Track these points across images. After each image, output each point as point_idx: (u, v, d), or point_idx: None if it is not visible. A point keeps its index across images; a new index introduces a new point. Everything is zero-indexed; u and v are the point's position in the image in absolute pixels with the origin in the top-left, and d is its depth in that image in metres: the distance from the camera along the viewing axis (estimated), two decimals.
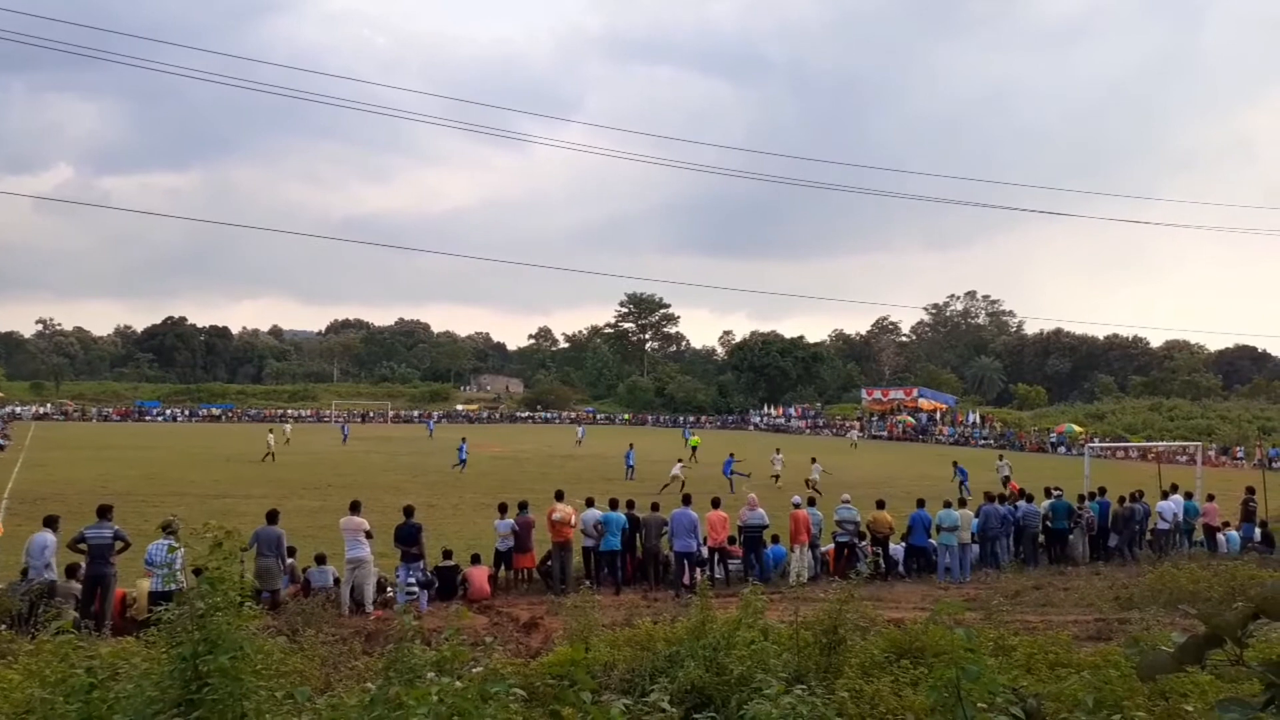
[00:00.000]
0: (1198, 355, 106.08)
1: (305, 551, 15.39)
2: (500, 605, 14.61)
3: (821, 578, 16.81)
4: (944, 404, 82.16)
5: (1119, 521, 20.04)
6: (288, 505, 24.85)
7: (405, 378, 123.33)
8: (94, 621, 11.79)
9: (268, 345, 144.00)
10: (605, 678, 7.66)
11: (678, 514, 16.26)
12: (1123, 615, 13.29)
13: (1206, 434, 60.82)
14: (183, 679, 4.60)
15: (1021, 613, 13.28)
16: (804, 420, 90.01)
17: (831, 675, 7.01)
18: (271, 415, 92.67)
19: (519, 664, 7.43)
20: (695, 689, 6.88)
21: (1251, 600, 1.77)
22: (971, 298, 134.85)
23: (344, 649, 10.04)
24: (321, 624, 11.70)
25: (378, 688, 3.87)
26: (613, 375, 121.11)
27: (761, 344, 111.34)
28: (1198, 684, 5.48)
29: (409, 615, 5.04)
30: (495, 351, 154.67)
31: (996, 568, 18.30)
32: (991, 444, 68.11)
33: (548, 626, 12.51)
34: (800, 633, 7.83)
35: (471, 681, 3.50)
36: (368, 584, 14.12)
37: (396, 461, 42.61)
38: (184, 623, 4.86)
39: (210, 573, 4.99)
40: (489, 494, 24.30)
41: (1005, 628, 8.95)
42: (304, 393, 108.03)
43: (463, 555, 15.92)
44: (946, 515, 17.71)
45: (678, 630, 8.63)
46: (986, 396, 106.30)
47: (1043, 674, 6.87)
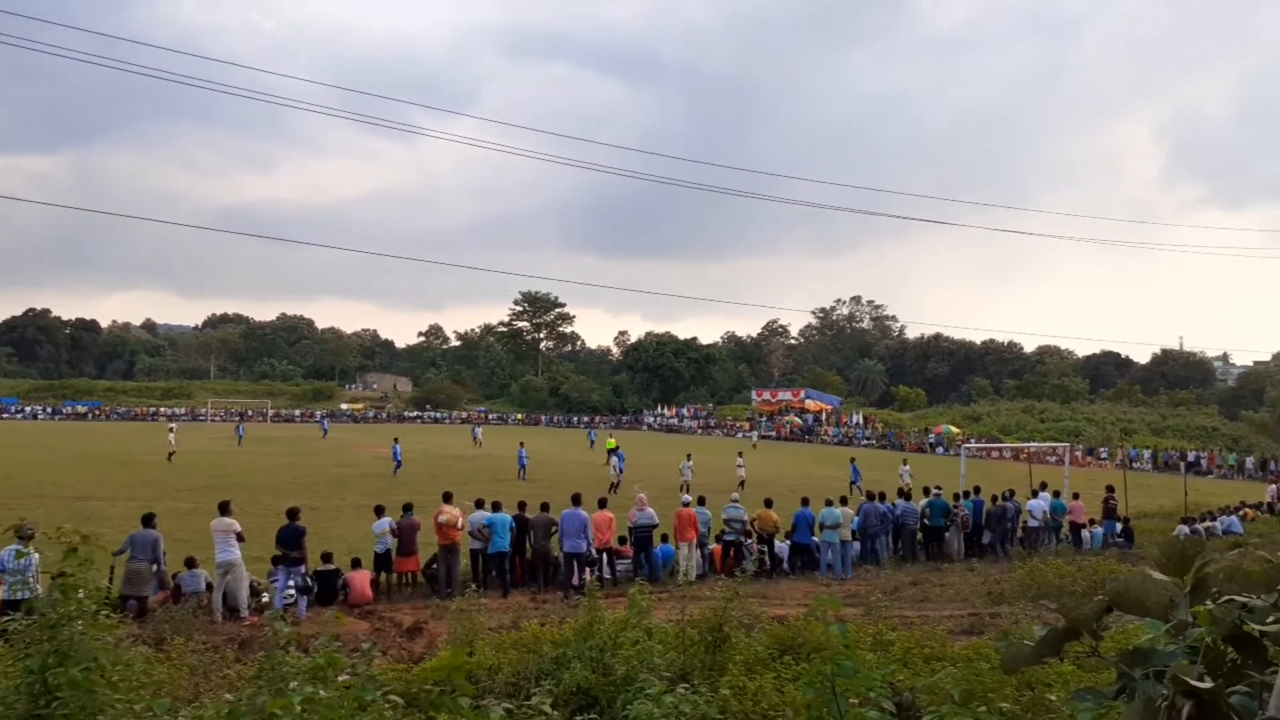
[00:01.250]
0: (1067, 360, 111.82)
1: (177, 556, 14.68)
2: (383, 610, 14.27)
3: (709, 576, 16.99)
4: (829, 405, 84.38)
5: (992, 519, 20.92)
6: (159, 508, 23.58)
7: (287, 375, 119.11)
8: None
9: (140, 340, 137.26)
10: (490, 682, 7.54)
11: (567, 514, 16.18)
12: (994, 609, 13.83)
13: (1074, 435, 64.14)
14: (30, 693, 4.31)
15: (900, 608, 13.70)
16: (696, 420, 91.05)
17: (716, 673, 7.07)
18: (144, 415, 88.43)
19: (401, 670, 7.24)
20: (581, 690, 6.83)
21: (1106, 594, 1.82)
22: (857, 302, 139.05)
23: (215, 657, 9.62)
24: (192, 631, 11.19)
25: (243, 697, 3.69)
26: (506, 374, 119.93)
27: (656, 345, 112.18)
28: (1061, 674, 5.74)
29: (281, 621, 4.83)
30: (383, 349, 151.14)
31: (877, 564, 18.85)
32: (873, 444, 70.27)
33: (432, 631, 12.27)
34: (686, 631, 7.87)
35: (338, 689, 3.36)
36: (240, 588, 13.55)
37: (276, 462, 41.17)
38: (34, 633, 4.55)
39: (64, 579, 4.69)
40: (373, 496, 23.64)
41: (884, 622, 9.21)
42: (178, 390, 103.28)
43: (344, 559, 15.47)
44: (829, 513, 18.15)
45: (565, 632, 8.57)
46: (870, 398, 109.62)
47: (919, 667, 7.08)
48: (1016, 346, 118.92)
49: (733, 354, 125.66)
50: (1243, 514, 26.30)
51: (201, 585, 13.83)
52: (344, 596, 14.56)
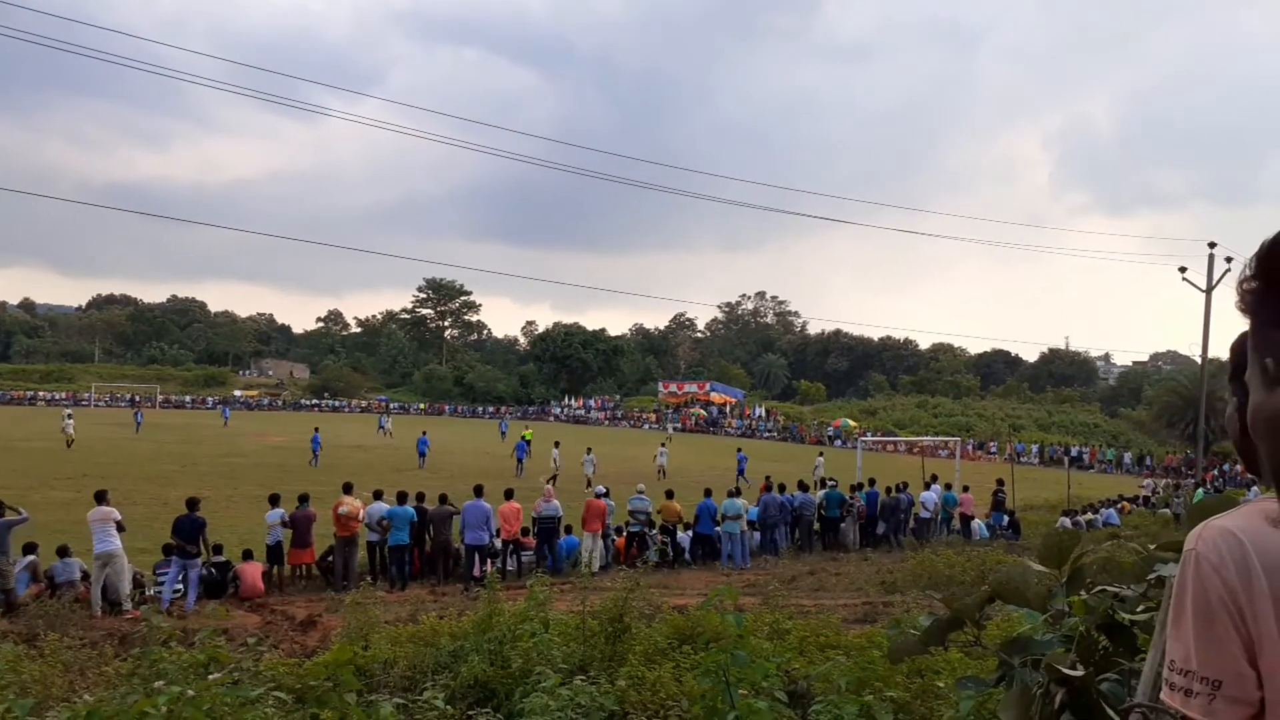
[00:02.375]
0: (960, 358, 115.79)
1: (49, 546, 13.94)
2: (275, 603, 13.85)
3: (612, 567, 17.02)
4: (734, 398, 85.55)
5: (886, 510, 21.52)
6: (35, 497, 22.49)
7: (178, 360, 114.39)
8: None
9: (17, 320, 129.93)
10: (385, 676, 7.38)
11: (469, 506, 15.99)
12: (887, 599, 14.21)
13: (965, 430, 66.43)
14: None
15: (797, 597, 13.95)
16: (603, 412, 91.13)
17: (616, 664, 7.06)
18: (21, 398, 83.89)
19: (293, 664, 7.03)
20: (478, 684, 6.74)
21: (988, 585, 1.87)
22: (761, 298, 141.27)
23: (93, 653, 9.16)
24: (68, 626, 10.65)
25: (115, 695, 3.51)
26: (408, 363, 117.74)
27: (564, 335, 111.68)
28: (949, 662, 5.92)
29: (160, 615, 4.62)
30: (279, 334, 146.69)
31: (776, 554, 19.19)
32: (775, 436, 71.50)
33: (326, 624, 11.96)
34: (587, 622, 7.85)
35: (209, 687, 3.22)
36: (122, 580, 12.95)
37: (164, 450, 39.56)
38: None
39: None
40: (267, 486, 22.94)
41: (781, 611, 9.36)
42: (59, 373, 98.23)
43: (235, 550, 14.95)
44: (730, 504, 18.38)
45: (464, 624, 8.45)
46: (772, 391, 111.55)
47: (814, 656, 7.20)
48: (912, 344, 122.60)
49: (640, 346, 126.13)
50: (1120, 507, 27.67)
51: (76, 575, 13.16)
52: (234, 589, 14.08)
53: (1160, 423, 64.78)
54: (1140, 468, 55.57)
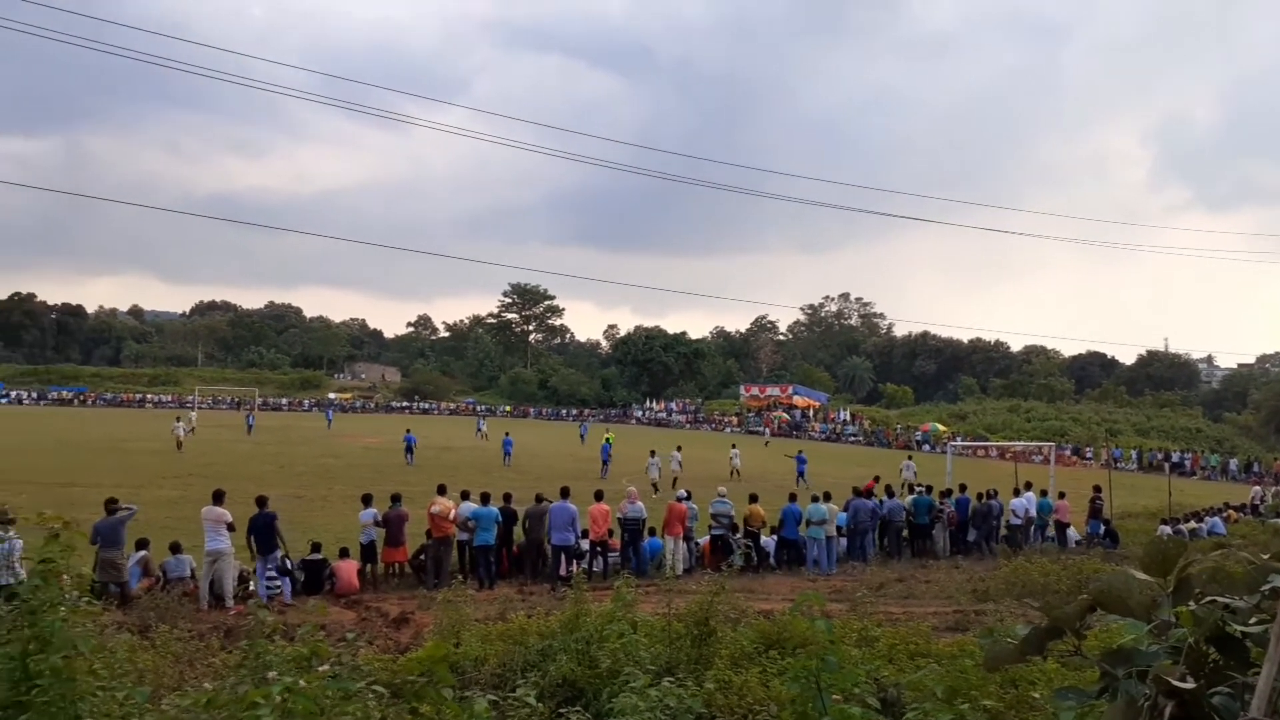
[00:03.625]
0: (1053, 360, 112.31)
1: (162, 543, 14.62)
2: (370, 600, 14.24)
3: (696, 570, 17.01)
4: (817, 401, 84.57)
5: (977, 517, 21.01)
6: (145, 495, 23.58)
7: (275, 363, 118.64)
8: None
9: (126, 326, 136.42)
10: (476, 673, 7.54)
11: (556, 507, 16.17)
12: (979, 607, 13.90)
13: (1059, 435, 64.43)
14: (11, 679, 4.27)
15: (885, 604, 13.75)
16: (684, 415, 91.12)
17: (702, 666, 7.09)
18: (130, 401, 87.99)
19: (387, 660, 7.24)
20: (567, 682, 6.84)
21: (1089, 594, 1.83)
22: (845, 299, 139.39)
23: (201, 645, 9.58)
24: (177, 619, 11.12)
25: (225, 686, 3.67)
26: (494, 366, 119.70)
27: (645, 339, 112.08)
28: (1045, 672, 5.77)
29: (265, 610, 4.82)
30: (371, 339, 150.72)
31: (863, 560, 18.92)
32: (860, 440, 70.44)
33: (418, 621, 12.25)
34: (673, 625, 7.89)
35: (315, 679, 3.35)
36: (227, 577, 13.49)
37: (264, 451, 41.02)
38: (14, 619, 4.51)
39: (45, 565, 4.65)
40: (360, 486, 23.60)
41: (869, 619, 9.25)
42: (165, 377, 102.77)
43: (331, 549, 15.43)
44: (815, 509, 18.19)
45: (551, 624, 8.59)
46: (857, 395, 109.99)
47: (903, 664, 7.11)
48: (1003, 346, 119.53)
49: (721, 349, 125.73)
50: (1226, 515, 26.47)
51: (186, 570, 13.77)
52: (331, 586, 14.53)
53: (1269, 427, 61.81)
54: (1247, 474, 53.04)
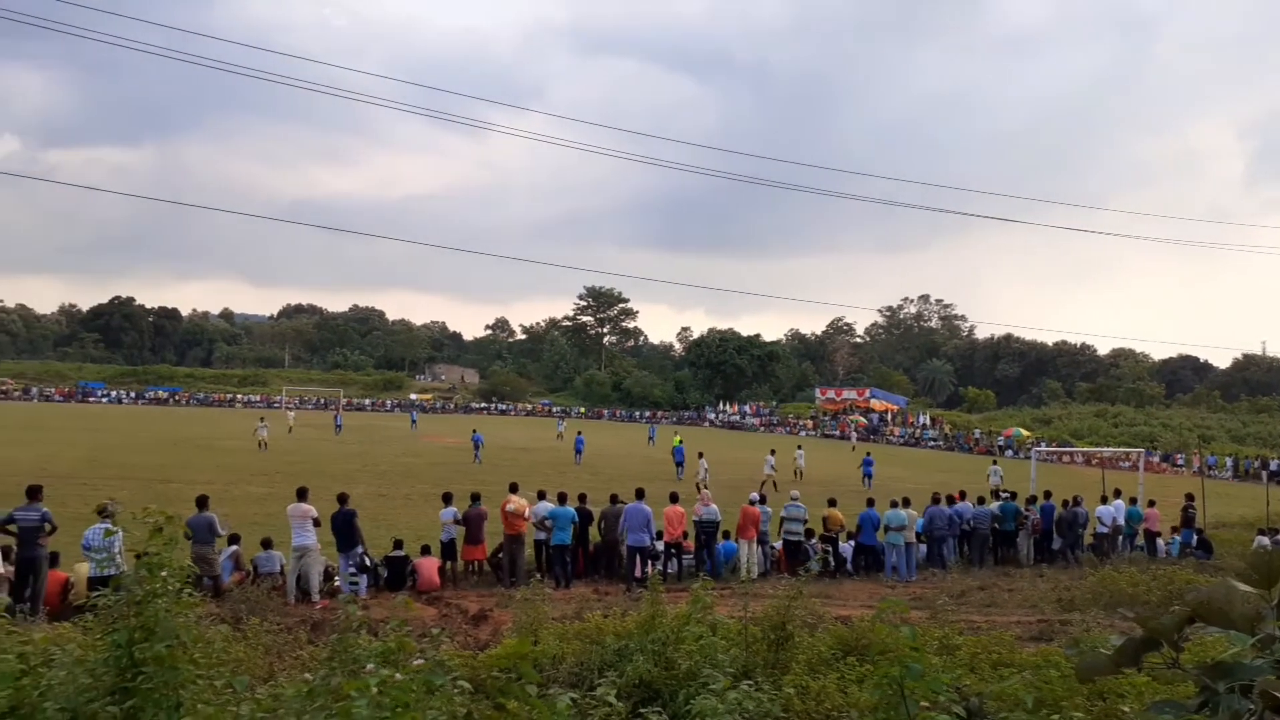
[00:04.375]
0: (1142, 364, 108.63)
1: (252, 538, 15.15)
2: (450, 597, 14.52)
3: (772, 574, 16.91)
4: (895, 405, 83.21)
5: (1062, 524, 20.44)
6: (235, 492, 24.47)
7: (359, 365, 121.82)
8: (29, 605, 11.51)
9: (218, 328, 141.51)
10: (554, 671, 7.64)
11: (631, 508, 16.26)
12: (1064, 617, 13.54)
13: (1149, 441, 62.27)
14: (118, 666, 4.48)
15: (966, 612, 13.49)
16: (759, 418, 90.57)
17: (779, 671, 7.05)
18: (222, 400, 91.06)
19: (467, 656, 7.38)
20: (643, 683, 6.88)
21: (1188, 604, 1.79)
22: (925, 301, 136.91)
23: (289, 638, 9.89)
24: (267, 612, 11.51)
25: (318, 678, 3.80)
26: (569, 368, 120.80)
27: (719, 341, 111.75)
28: (1135, 685, 5.60)
29: (354, 605, 4.96)
30: (451, 341, 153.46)
31: (943, 567, 18.57)
32: (941, 445, 69.08)
33: (497, 619, 12.45)
34: (749, 628, 7.87)
35: (411, 673, 3.45)
36: (314, 572, 13.92)
37: (348, 450, 42.11)
38: (120, 609, 4.73)
39: (149, 558, 4.87)
40: (441, 485, 24.09)
41: (950, 627, 9.09)
42: (254, 378, 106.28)
43: (413, 546, 15.78)
44: (894, 515, 17.92)
45: (627, 624, 8.63)
46: (937, 399, 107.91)
47: (986, 673, 6.97)
48: (1089, 349, 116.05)
49: (797, 351, 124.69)
50: None
51: (276, 566, 14.24)
52: (412, 583, 14.85)
53: None
54: None
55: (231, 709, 4.20)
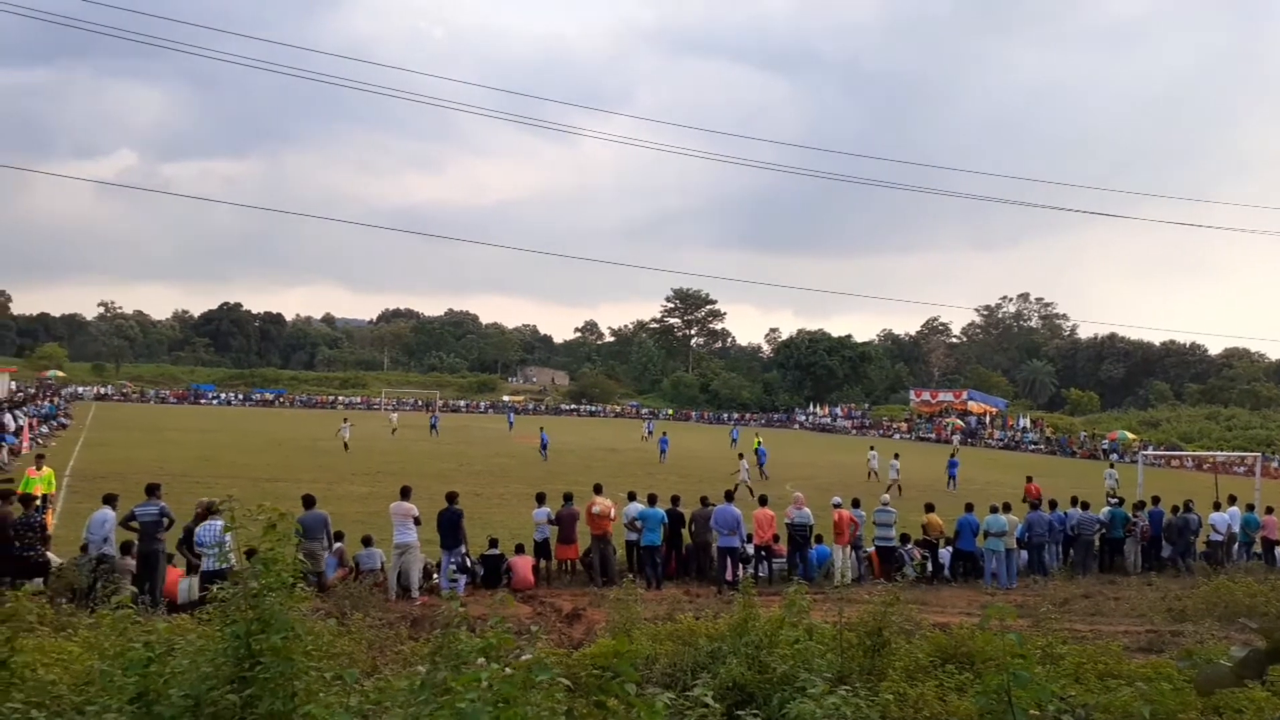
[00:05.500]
0: (1258, 364, 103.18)
1: (354, 536, 15.65)
2: (544, 595, 14.74)
3: (866, 579, 16.69)
4: (994, 407, 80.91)
5: (1172, 531, 19.60)
6: (338, 490, 25.27)
7: (454, 368, 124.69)
8: (149, 597, 12.12)
9: (320, 333, 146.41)
10: (647, 671, 7.69)
11: (720, 510, 16.24)
12: (1175, 627, 13.01)
13: (1265, 445, 59.13)
14: (236, 657, 4.69)
15: (1070, 621, 13.06)
16: (850, 420, 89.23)
17: (875, 677, 6.97)
18: (324, 402, 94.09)
19: (562, 654, 7.49)
20: (737, 686, 6.87)
21: None
22: (1024, 300, 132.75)
23: (390, 633, 10.19)
24: (369, 608, 11.88)
25: (426, 672, 3.93)
26: (657, 370, 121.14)
27: (808, 342, 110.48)
28: (1254, 700, 5.37)
29: (456, 601, 5.10)
30: (541, 344, 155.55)
31: (1044, 574, 18.01)
32: (1042, 449, 66.95)
33: (590, 618, 12.58)
34: (844, 634, 7.78)
35: (519, 669, 3.54)
36: (414, 569, 14.31)
37: (443, 450, 43.08)
38: (237, 602, 4.94)
39: (263, 554, 5.08)
40: (533, 485, 24.47)
41: (1053, 635, 8.82)
42: (355, 380, 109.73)
43: (507, 545, 16.07)
44: (994, 520, 17.45)
45: (720, 626, 8.63)
46: (1038, 401, 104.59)
47: (1091, 684, 6.76)
48: (1200, 348, 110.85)
49: (890, 352, 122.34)
50: None
51: (377, 563, 14.67)
52: (507, 581, 15.12)
53: None
54: None
55: (341, 699, 4.37)
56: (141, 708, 4.49)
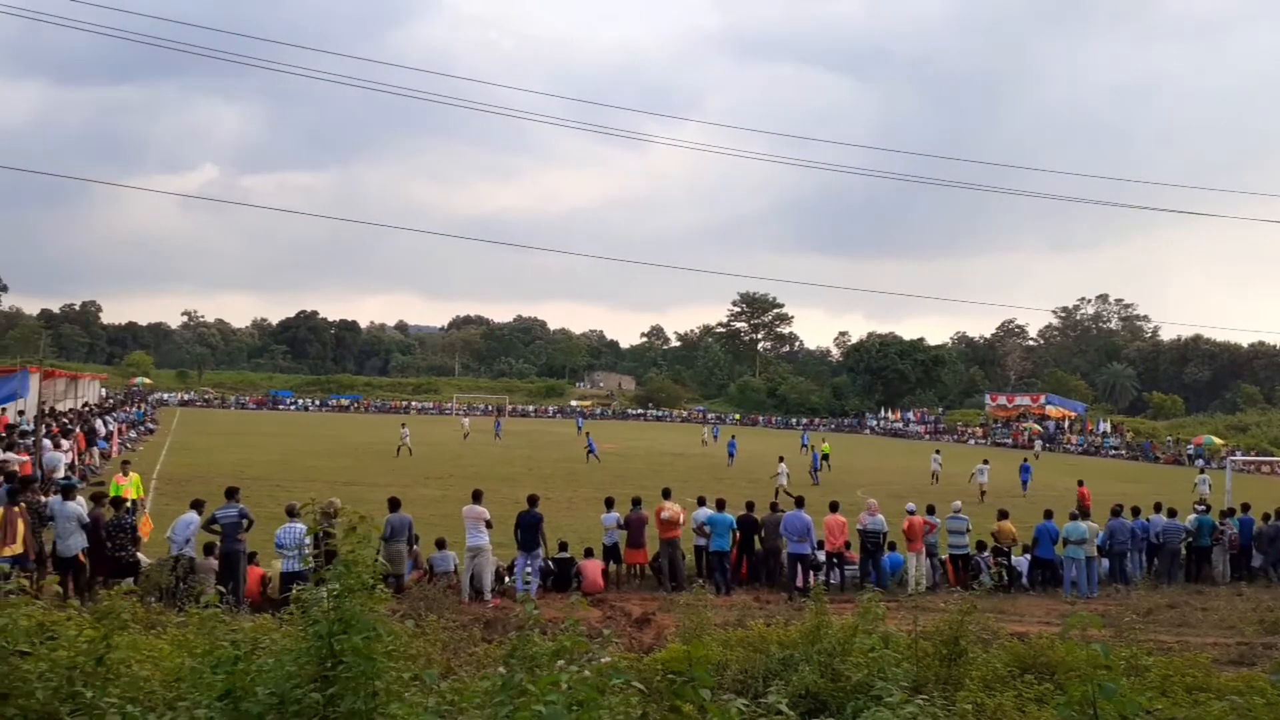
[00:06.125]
0: None
1: (428, 538, 15.91)
2: (613, 599, 14.79)
3: (941, 588, 16.39)
4: (1073, 411, 78.76)
5: (1263, 540, 18.85)
6: (410, 494, 25.66)
7: (523, 373, 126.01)
8: (231, 597, 12.50)
9: (394, 339, 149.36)
10: (718, 677, 7.67)
11: (790, 517, 16.11)
12: (1268, 639, 12.54)
13: None
14: (318, 656, 4.80)
15: (1155, 632, 12.65)
16: (923, 425, 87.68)
17: (952, 687, 6.85)
18: (398, 408, 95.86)
19: (633, 658, 7.52)
20: (810, 694, 6.82)
21: None
22: (1103, 301, 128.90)
23: (464, 635, 10.33)
24: (443, 609, 12.06)
25: (506, 674, 3.98)
26: (724, 375, 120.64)
27: (879, 345, 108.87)
28: None
29: (531, 604, 5.16)
30: (608, 349, 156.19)
31: (1126, 583, 17.48)
32: (1123, 454, 64.95)
33: (660, 623, 12.60)
34: (919, 642, 7.67)
35: (597, 671, 3.57)
36: (486, 572, 14.50)
37: (514, 454, 43.57)
38: (320, 602, 5.06)
39: (345, 555, 5.20)
40: (602, 489, 24.60)
41: (1138, 646, 8.56)
42: (427, 386, 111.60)
43: (576, 548, 16.17)
44: (1074, 528, 17.00)
45: (792, 634, 8.57)
46: (1118, 405, 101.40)
47: (1179, 698, 6.54)
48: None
49: (963, 355, 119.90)
50: None
51: (450, 566, 14.91)
52: (577, 584, 15.22)
53: None
54: None
55: (421, 700, 4.45)
56: (229, 704, 4.63)
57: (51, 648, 4.91)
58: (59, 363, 72.71)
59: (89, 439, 29.36)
